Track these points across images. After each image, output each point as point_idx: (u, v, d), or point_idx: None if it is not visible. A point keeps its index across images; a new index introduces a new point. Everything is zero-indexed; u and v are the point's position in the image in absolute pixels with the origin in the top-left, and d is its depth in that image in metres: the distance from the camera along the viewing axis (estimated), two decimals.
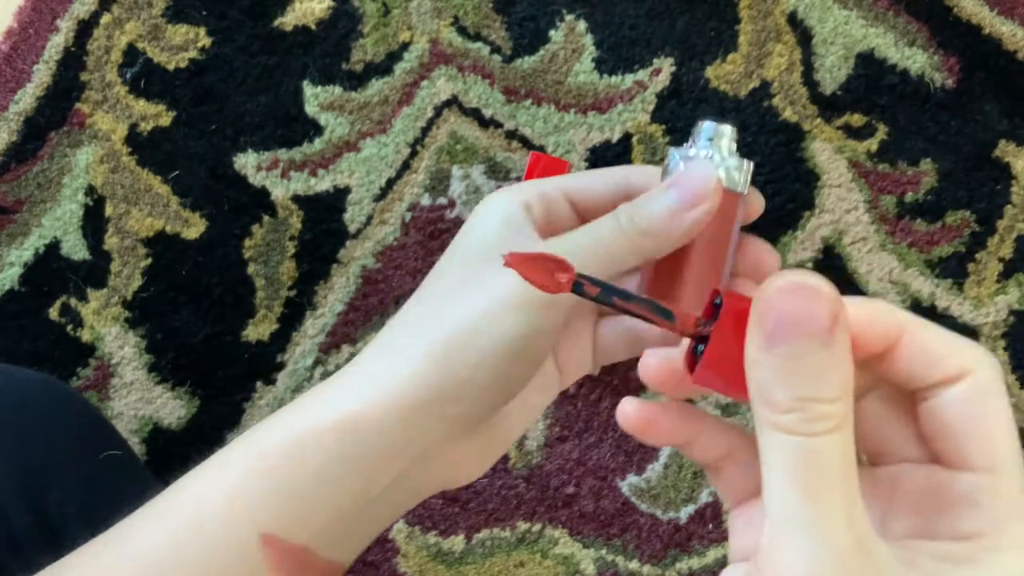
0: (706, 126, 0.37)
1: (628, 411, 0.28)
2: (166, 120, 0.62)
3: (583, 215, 0.37)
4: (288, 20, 0.62)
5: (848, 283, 0.63)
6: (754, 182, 0.39)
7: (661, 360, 0.28)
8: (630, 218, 0.34)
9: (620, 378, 0.63)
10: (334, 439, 0.32)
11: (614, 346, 0.39)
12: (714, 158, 0.36)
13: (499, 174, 0.63)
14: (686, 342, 0.27)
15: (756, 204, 0.38)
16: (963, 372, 0.24)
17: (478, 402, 0.33)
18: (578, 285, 0.25)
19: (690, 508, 0.64)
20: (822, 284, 0.23)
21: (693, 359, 0.26)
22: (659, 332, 0.38)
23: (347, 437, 0.32)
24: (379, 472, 0.33)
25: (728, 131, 0.37)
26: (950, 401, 0.24)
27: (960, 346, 0.24)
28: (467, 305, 0.33)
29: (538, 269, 0.24)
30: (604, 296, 0.25)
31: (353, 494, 0.33)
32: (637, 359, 0.29)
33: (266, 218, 0.62)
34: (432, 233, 0.63)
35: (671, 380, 0.28)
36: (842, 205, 0.63)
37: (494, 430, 0.36)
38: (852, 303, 0.25)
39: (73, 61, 0.62)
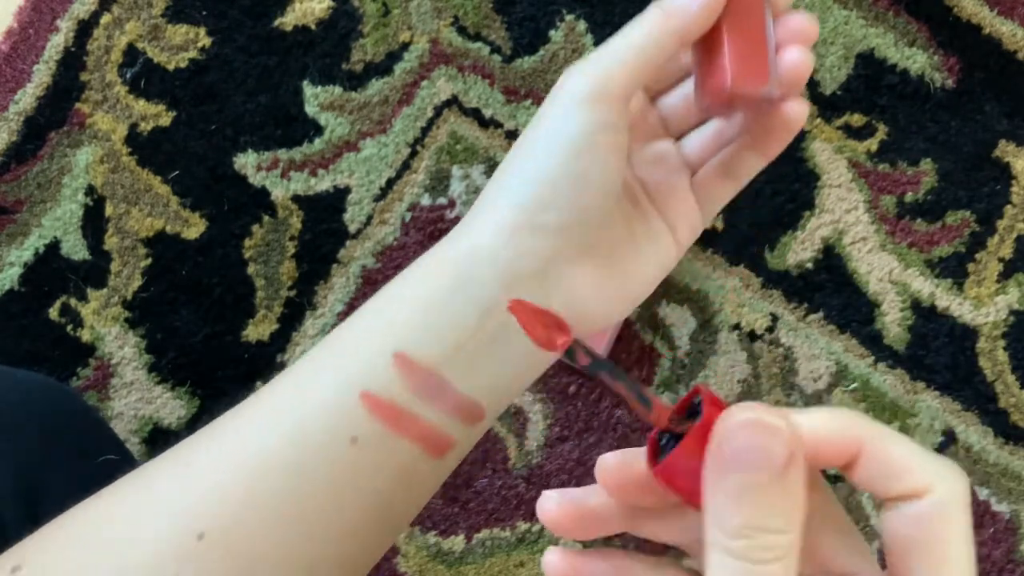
0: None
1: (554, 561, 0.29)
2: (166, 120, 0.62)
3: (655, 85, 0.40)
4: (288, 20, 0.62)
5: (848, 283, 0.63)
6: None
7: (559, 504, 0.29)
8: (658, 6, 0.36)
9: None
10: (451, 267, 0.35)
11: (714, 188, 0.41)
12: None
13: None
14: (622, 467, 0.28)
15: None
16: (923, 490, 0.24)
17: (562, 204, 0.35)
18: (571, 351, 0.25)
19: None
20: (780, 423, 0.23)
21: (656, 450, 0.27)
22: (752, 165, 0.39)
23: (462, 266, 0.35)
24: (499, 298, 0.35)
25: None
26: (906, 517, 0.25)
27: (923, 462, 0.25)
28: (542, 127, 0.36)
29: (538, 323, 0.25)
30: (594, 368, 0.26)
31: (475, 318, 0.35)
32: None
33: (266, 218, 0.62)
34: (432, 233, 0.63)
35: (576, 526, 0.29)
36: (842, 205, 0.62)
37: (611, 268, 0.38)
38: (816, 416, 0.25)
39: (73, 61, 0.62)
